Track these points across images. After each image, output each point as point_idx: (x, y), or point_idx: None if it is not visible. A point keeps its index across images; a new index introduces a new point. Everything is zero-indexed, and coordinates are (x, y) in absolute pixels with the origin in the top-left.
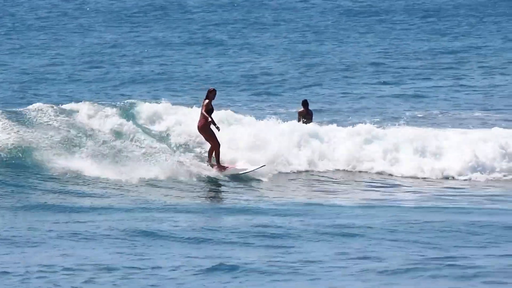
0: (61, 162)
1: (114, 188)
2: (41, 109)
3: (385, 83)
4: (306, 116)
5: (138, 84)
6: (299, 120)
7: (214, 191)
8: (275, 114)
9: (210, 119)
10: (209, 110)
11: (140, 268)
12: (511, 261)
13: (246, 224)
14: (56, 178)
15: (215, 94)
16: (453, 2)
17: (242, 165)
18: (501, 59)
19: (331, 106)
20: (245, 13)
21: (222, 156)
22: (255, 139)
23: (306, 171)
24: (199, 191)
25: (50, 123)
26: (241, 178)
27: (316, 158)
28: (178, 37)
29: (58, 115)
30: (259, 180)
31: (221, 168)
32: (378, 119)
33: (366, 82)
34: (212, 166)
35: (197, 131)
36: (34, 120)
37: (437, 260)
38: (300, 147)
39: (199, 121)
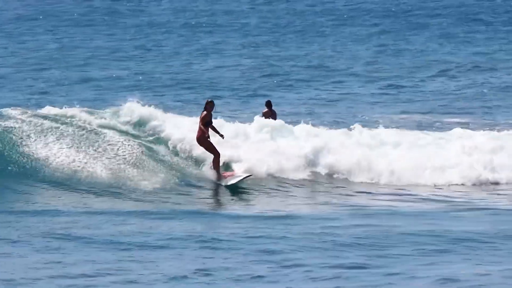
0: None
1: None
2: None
3: (341, 87)
4: (270, 116)
5: (91, 87)
6: None
7: (157, 196)
8: (236, 117)
9: (207, 133)
10: (207, 122)
11: (67, 277)
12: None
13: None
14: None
15: (213, 105)
16: (420, 4)
17: (240, 173)
18: (456, 63)
19: (292, 109)
20: (206, 17)
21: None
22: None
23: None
24: (140, 194)
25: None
26: (207, 185)
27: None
28: (134, 41)
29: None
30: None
31: (220, 176)
32: (340, 122)
33: (325, 84)
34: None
35: (196, 143)
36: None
37: (358, 268)
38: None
39: (197, 133)
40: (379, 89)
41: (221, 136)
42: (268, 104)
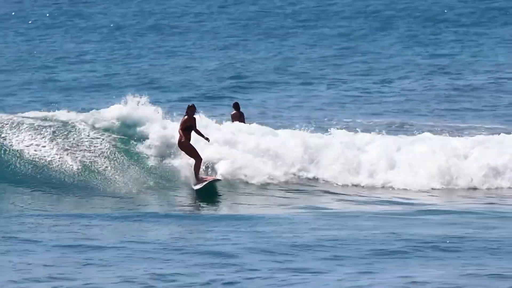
0: None
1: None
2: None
3: (310, 89)
4: (239, 118)
5: (58, 88)
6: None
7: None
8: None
9: (183, 138)
10: (187, 126)
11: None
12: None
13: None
14: None
15: (195, 109)
16: (388, 5)
17: (217, 177)
18: (424, 64)
19: (259, 111)
20: (175, 18)
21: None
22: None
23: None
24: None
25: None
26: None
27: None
28: (102, 43)
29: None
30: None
31: (198, 181)
32: (309, 125)
33: (293, 86)
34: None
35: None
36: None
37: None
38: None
39: (178, 138)
40: (347, 91)
41: (207, 139)
42: (236, 106)
